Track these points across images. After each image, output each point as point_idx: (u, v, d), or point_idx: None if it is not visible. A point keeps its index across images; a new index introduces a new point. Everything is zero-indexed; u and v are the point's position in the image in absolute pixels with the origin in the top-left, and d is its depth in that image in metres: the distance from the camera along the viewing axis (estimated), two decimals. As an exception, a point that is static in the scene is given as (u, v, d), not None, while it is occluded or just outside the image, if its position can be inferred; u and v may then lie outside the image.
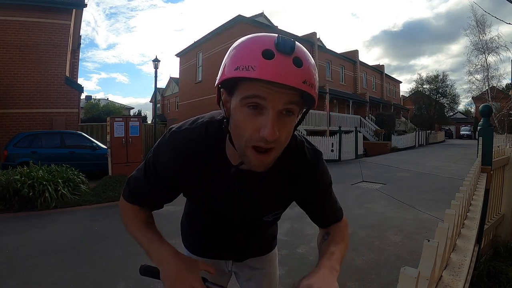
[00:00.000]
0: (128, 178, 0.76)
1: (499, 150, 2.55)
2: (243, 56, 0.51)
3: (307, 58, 0.52)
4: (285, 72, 0.48)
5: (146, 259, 0.71)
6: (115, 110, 22.37)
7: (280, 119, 0.53)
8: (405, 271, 0.42)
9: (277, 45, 0.50)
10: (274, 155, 0.56)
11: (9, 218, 4.18)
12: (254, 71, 0.49)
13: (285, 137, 0.56)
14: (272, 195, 0.74)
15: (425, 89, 26.61)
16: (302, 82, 0.50)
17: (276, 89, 0.50)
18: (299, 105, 0.55)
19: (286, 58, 0.49)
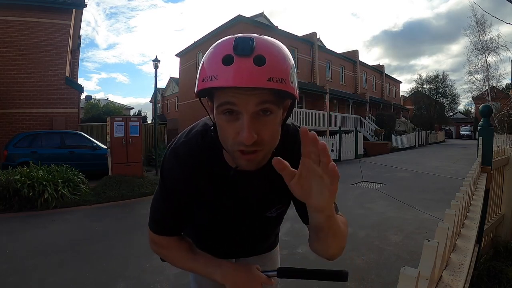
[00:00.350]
0: (150, 211, 0.76)
1: (499, 150, 2.55)
2: (208, 66, 0.52)
3: (272, 53, 0.51)
4: (246, 75, 0.48)
5: (146, 259, 0.72)
6: (115, 110, 22.37)
7: (258, 120, 0.53)
8: (405, 271, 0.42)
9: (235, 48, 0.49)
10: (262, 154, 0.56)
11: (9, 218, 4.18)
12: (217, 80, 0.49)
13: (269, 137, 0.55)
14: (273, 190, 0.74)
15: (425, 89, 26.64)
16: (267, 80, 0.48)
17: (244, 92, 0.49)
18: (276, 102, 0.53)
19: (246, 60, 0.48)
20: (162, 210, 0.73)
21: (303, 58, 17.40)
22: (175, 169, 0.68)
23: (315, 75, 17.89)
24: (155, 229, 0.75)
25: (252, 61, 0.48)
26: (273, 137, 0.57)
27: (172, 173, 0.69)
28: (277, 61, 0.50)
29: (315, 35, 18.24)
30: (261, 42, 0.51)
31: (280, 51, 0.53)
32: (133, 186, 5.81)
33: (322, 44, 19.93)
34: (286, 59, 0.52)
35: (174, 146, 0.70)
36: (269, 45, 0.52)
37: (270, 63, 0.49)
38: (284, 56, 0.53)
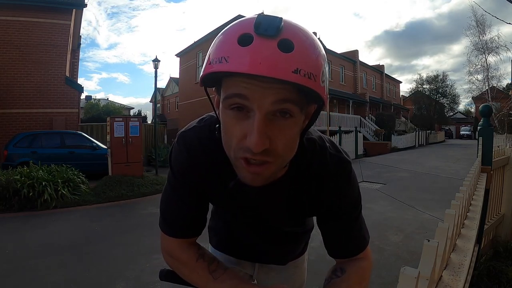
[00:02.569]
0: (160, 211, 0.68)
1: (499, 150, 2.55)
2: (219, 46, 0.41)
3: (302, 40, 0.40)
4: (266, 61, 0.37)
5: (146, 259, 0.71)
6: (115, 110, 22.37)
7: (273, 123, 0.42)
8: (405, 271, 0.42)
9: (256, 26, 0.38)
10: (272, 168, 0.46)
11: (9, 218, 4.18)
12: (228, 63, 0.39)
13: (284, 146, 0.44)
14: (285, 209, 0.63)
15: (425, 89, 26.64)
16: (293, 71, 0.37)
17: (260, 84, 0.39)
18: (300, 103, 0.42)
19: (269, 42, 0.38)
20: (172, 204, 0.64)
21: (303, 58, 17.38)
22: (183, 154, 0.59)
23: (315, 75, 17.87)
24: (167, 229, 0.65)
25: (277, 45, 0.38)
26: (289, 148, 0.45)
27: (179, 158, 0.60)
28: (308, 51, 0.40)
29: (316, 35, 18.15)
30: (290, 24, 0.40)
31: (313, 40, 0.42)
32: (133, 186, 5.81)
33: (322, 44, 19.89)
34: (319, 51, 0.42)
35: (184, 130, 0.61)
36: (301, 30, 0.41)
37: (299, 50, 0.39)
38: (317, 47, 0.42)
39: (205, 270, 0.61)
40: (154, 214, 4.50)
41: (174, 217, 0.64)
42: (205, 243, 0.94)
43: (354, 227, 0.63)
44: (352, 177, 0.61)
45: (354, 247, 0.64)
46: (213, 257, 0.64)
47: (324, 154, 0.58)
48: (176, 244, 0.65)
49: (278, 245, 0.79)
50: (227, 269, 0.61)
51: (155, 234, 3.50)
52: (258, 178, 0.46)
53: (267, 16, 0.40)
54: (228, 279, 0.58)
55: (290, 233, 0.73)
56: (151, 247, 3.12)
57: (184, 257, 0.63)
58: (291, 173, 0.57)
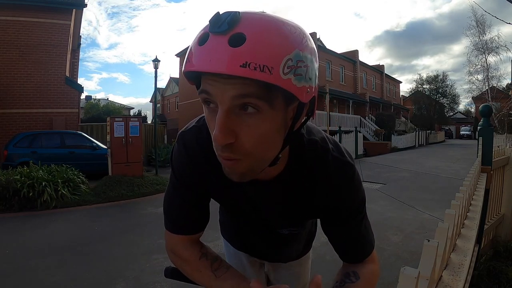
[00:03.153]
0: (163, 207, 0.69)
1: (499, 150, 2.55)
2: (190, 47, 0.43)
3: (258, 32, 0.38)
4: (215, 57, 0.37)
5: (146, 259, 0.71)
6: (115, 110, 22.37)
7: (239, 118, 0.41)
8: (405, 271, 0.42)
9: (211, 23, 0.39)
10: (245, 165, 0.44)
11: (9, 218, 4.18)
12: (189, 62, 0.41)
13: (253, 142, 0.42)
14: (281, 209, 0.64)
15: (425, 89, 26.65)
16: (241, 65, 0.36)
17: (220, 80, 0.39)
18: (267, 98, 0.40)
19: (220, 38, 0.38)
20: (176, 204, 0.65)
21: (303, 58, 17.38)
22: (182, 153, 0.61)
23: (315, 75, 17.88)
24: (170, 227, 0.66)
25: (227, 40, 0.37)
26: (260, 145, 0.43)
27: (178, 158, 0.62)
28: (263, 42, 0.38)
29: (315, 35, 18.23)
30: (249, 16, 0.39)
31: (275, 29, 0.39)
32: (133, 186, 5.82)
33: (322, 44, 19.94)
34: (281, 41, 0.39)
35: (184, 130, 0.63)
36: (261, 21, 0.39)
37: (250, 43, 0.37)
38: (280, 36, 0.39)
39: (208, 268, 0.61)
40: (154, 214, 4.50)
41: (176, 215, 0.65)
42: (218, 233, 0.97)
43: (360, 231, 0.63)
44: (355, 180, 0.59)
45: (361, 251, 0.64)
46: (216, 256, 0.65)
47: (325, 157, 0.57)
48: (179, 242, 0.66)
49: (278, 245, 0.80)
50: (229, 268, 0.62)
51: (155, 234, 3.51)
52: (233, 173, 0.46)
53: (223, 13, 0.39)
54: (230, 278, 0.59)
55: (289, 234, 0.73)
56: (151, 247, 3.12)
57: (187, 254, 0.65)
58: (288, 173, 0.57)
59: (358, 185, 0.61)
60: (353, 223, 0.62)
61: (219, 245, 3.07)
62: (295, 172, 0.57)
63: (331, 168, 0.57)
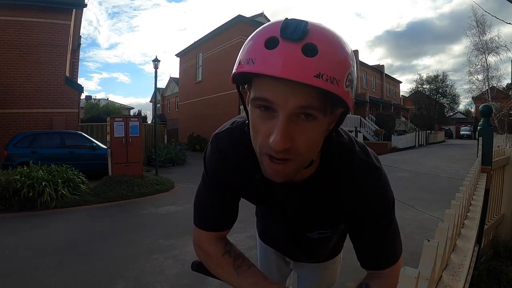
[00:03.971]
0: (193, 207, 0.71)
1: (499, 150, 2.55)
2: (248, 47, 0.44)
3: (328, 44, 0.41)
4: (288, 64, 0.39)
5: (146, 259, 0.72)
6: (115, 110, 22.39)
7: (296, 124, 0.43)
8: (405, 271, 0.42)
9: (282, 29, 0.40)
10: (293, 166, 0.47)
11: (9, 218, 4.18)
12: (254, 65, 0.41)
13: (306, 146, 0.45)
14: (310, 211, 0.65)
15: (425, 89, 26.65)
16: (315, 75, 0.39)
17: (284, 87, 0.41)
18: (323, 106, 0.43)
19: (293, 45, 0.39)
20: (205, 202, 0.68)
21: (303, 58, 17.39)
22: (215, 155, 0.63)
23: (315, 75, 17.89)
24: (198, 223, 0.69)
25: (301, 49, 0.39)
26: (310, 148, 0.47)
27: (211, 162, 0.65)
28: (333, 55, 0.41)
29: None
30: (316, 28, 0.41)
31: (340, 45, 0.43)
32: (133, 186, 5.81)
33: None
34: (345, 55, 0.43)
35: (217, 132, 0.65)
36: (326, 34, 0.42)
37: (323, 55, 0.39)
38: (343, 51, 0.43)
39: (230, 265, 0.64)
40: (154, 214, 4.50)
41: (205, 213, 0.68)
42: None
43: (383, 238, 0.61)
44: (382, 184, 0.59)
45: (382, 259, 0.61)
46: (240, 254, 0.67)
47: (352, 159, 0.58)
48: (206, 238, 0.69)
49: (307, 248, 0.81)
50: (251, 267, 0.63)
51: (155, 234, 3.51)
52: (278, 174, 0.48)
53: (293, 20, 0.41)
54: (250, 276, 0.61)
55: (318, 238, 0.73)
56: (151, 247, 3.12)
57: (212, 250, 0.67)
58: (318, 176, 0.58)
59: (385, 188, 0.60)
60: (378, 228, 0.60)
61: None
62: (324, 174, 0.58)
63: (357, 171, 0.57)
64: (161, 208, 4.79)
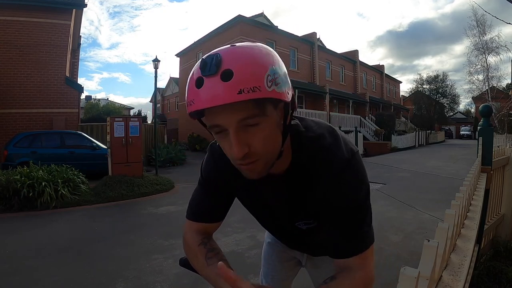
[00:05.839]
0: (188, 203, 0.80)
1: (499, 150, 2.55)
2: (188, 90, 0.52)
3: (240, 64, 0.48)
4: (215, 94, 0.47)
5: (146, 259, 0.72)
6: (115, 110, 22.35)
7: (246, 133, 0.51)
8: (405, 271, 0.42)
9: (202, 69, 0.49)
10: (261, 164, 0.55)
11: (9, 218, 4.18)
12: (194, 104, 0.50)
13: (262, 145, 0.53)
14: (293, 202, 0.70)
15: (425, 89, 26.64)
16: (237, 93, 0.46)
17: (223, 110, 0.49)
18: (261, 110, 0.50)
19: (213, 79, 0.47)
20: (199, 198, 0.77)
21: (303, 58, 17.40)
22: (210, 163, 0.75)
23: (315, 75, 17.89)
24: (189, 214, 0.78)
25: (220, 78, 0.47)
26: (268, 145, 0.54)
27: (206, 166, 0.76)
28: (247, 70, 0.48)
29: (315, 35, 18.25)
30: (228, 54, 0.49)
31: (250, 58, 0.49)
32: (133, 186, 5.81)
33: (322, 44, 19.94)
34: (258, 64, 0.49)
35: (213, 142, 0.75)
36: (238, 55, 0.49)
37: (238, 75, 0.47)
38: (256, 62, 0.49)
39: (203, 255, 0.69)
40: (154, 214, 4.50)
41: (195, 204, 0.78)
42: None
43: (352, 225, 0.63)
44: (352, 175, 0.61)
45: (348, 246, 0.62)
46: (215, 248, 0.71)
47: (321, 152, 0.62)
48: (189, 227, 0.77)
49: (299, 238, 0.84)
50: (221, 260, 0.65)
51: (155, 234, 3.51)
52: (252, 173, 0.56)
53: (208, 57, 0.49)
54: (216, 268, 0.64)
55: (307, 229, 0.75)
56: (151, 247, 3.12)
57: (190, 240, 0.74)
58: (293, 168, 0.65)
59: (357, 178, 0.62)
60: (349, 216, 0.62)
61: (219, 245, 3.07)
62: (297, 167, 0.64)
63: (326, 162, 0.62)
64: (161, 208, 4.79)
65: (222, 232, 3.31)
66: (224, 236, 3.27)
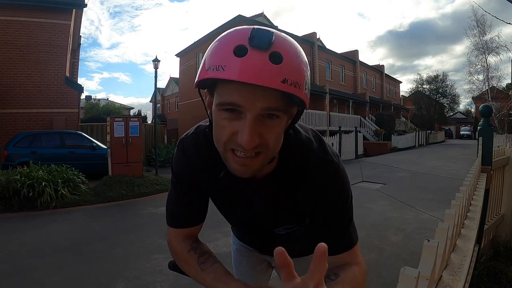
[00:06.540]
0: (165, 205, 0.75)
1: (499, 150, 2.55)
2: (216, 54, 0.46)
3: (291, 52, 0.45)
4: (258, 71, 0.42)
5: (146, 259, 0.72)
6: (115, 110, 22.32)
7: (262, 122, 0.47)
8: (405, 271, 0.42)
9: (251, 39, 0.44)
10: (262, 159, 0.51)
11: (9, 218, 4.18)
12: (224, 71, 0.44)
13: (274, 141, 0.50)
14: (273, 206, 0.67)
15: (425, 89, 26.65)
16: (281, 81, 0.43)
17: (252, 90, 0.44)
18: (285, 107, 0.48)
19: (261, 54, 0.43)
20: (174, 201, 0.71)
21: (303, 58, 17.38)
22: (181, 160, 0.68)
23: (315, 75, 17.89)
24: (168, 220, 0.73)
25: (268, 57, 0.43)
26: (277, 142, 0.51)
27: (177, 164, 0.69)
28: (295, 62, 0.45)
29: (315, 35, 18.24)
30: (280, 38, 0.46)
31: (299, 53, 0.47)
32: (133, 186, 5.81)
33: (322, 44, 19.93)
34: (304, 62, 0.48)
35: (183, 136, 0.69)
36: (289, 43, 0.46)
37: (287, 62, 0.44)
38: (303, 59, 0.48)
39: (195, 261, 0.67)
40: (154, 214, 4.50)
41: (172, 210, 0.72)
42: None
43: (340, 225, 0.64)
44: (339, 179, 0.62)
45: (340, 244, 0.62)
46: (206, 251, 0.69)
47: (310, 156, 0.62)
48: (174, 235, 0.72)
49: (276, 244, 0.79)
50: (215, 263, 0.66)
51: (155, 234, 3.51)
52: (246, 169, 0.51)
53: (260, 30, 0.45)
54: (212, 272, 0.63)
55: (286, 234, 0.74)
56: (151, 247, 3.12)
57: (179, 248, 0.70)
58: (278, 171, 0.62)
59: (343, 182, 0.63)
60: (337, 219, 0.63)
61: (218, 245, 3.07)
62: (283, 170, 0.62)
63: (315, 166, 0.61)
64: (161, 208, 4.78)
65: (222, 232, 3.31)
66: (224, 236, 3.27)
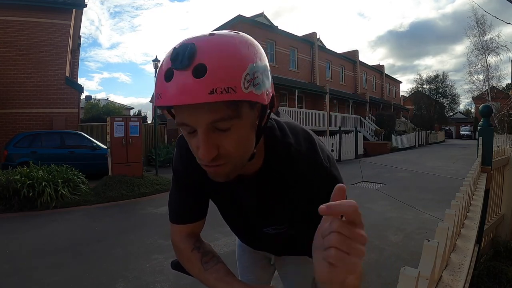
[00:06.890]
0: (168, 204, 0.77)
1: (499, 150, 2.55)
2: (156, 82, 0.47)
3: (217, 59, 0.42)
4: (183, 91, 0.41)
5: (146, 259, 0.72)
6: (115, 110, 22.33)
7: (217, 134, 0.47)
8: (405, 271, 0.42)
9: (173, 60, 0.43)
10: (228, 167, 0.51)
11: (9, 218, 4.18)
12: (161, 99, 0.44)
13: (235, 147, 0.48)
14: (263, 207, 0.67)
15: (425, 89, 26.66)
16: (209, 93, 0.41)
17: (193, 109, 0.44)
18: (236, 113, 0.45)
19: (184, 73, 0.42)
20: (176, 199, 0.73)
21: (303, 58, 17.39)
22: (177, 159, 0.71)
23: (315, 75, 17.90)
24: (170, 216, 0.74)
25: (191, 73, 0.41)
26: (239, 148, 0.49)
27: (175, 163, 0.72)
28: (223, 67, 0.42)
29: (315, 35, 18.24)
30: (204, 45, 0.43)
31: (229, 52, 0.43)
32: (133, 186, 5.81)
33: (322, 44, 19.93)
34: (237, 60, 0.43)
35: (181, 135, 0.68)
36: (215, 47, 0.43)
37: (212, 72, 0.41)
38: (235, 57, 0.43)
39: (198, 260, 0.67)
40: (153, 214, 4.50)
41: (174, 207, 0.74)
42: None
43: None
44: (329, 179, 0.61)
45: None
46: (210, 251, 0.70)
47: (297, 158, 0.61)
48: (177, 232, 0.73)
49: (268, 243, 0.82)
50: (218, 263, 0.67)
51: (155, 234, 3.51)
52: (218, 176, 0.52)
53: (181, 47, 0.43)
54: (215, 272, 0.64)
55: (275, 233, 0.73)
56: (151, 247, 3.12)
57: (182, 246, 0.71)
58: (265, 172, 0.62)
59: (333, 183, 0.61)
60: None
61: (219, 245, 3.07)
62: (270, 171, 0.62)
63: (304, 168, 0.61)
64: (161, 208, 4.78)
65: (222, 232, 3.31)
66: (224, 236, 3.27)
